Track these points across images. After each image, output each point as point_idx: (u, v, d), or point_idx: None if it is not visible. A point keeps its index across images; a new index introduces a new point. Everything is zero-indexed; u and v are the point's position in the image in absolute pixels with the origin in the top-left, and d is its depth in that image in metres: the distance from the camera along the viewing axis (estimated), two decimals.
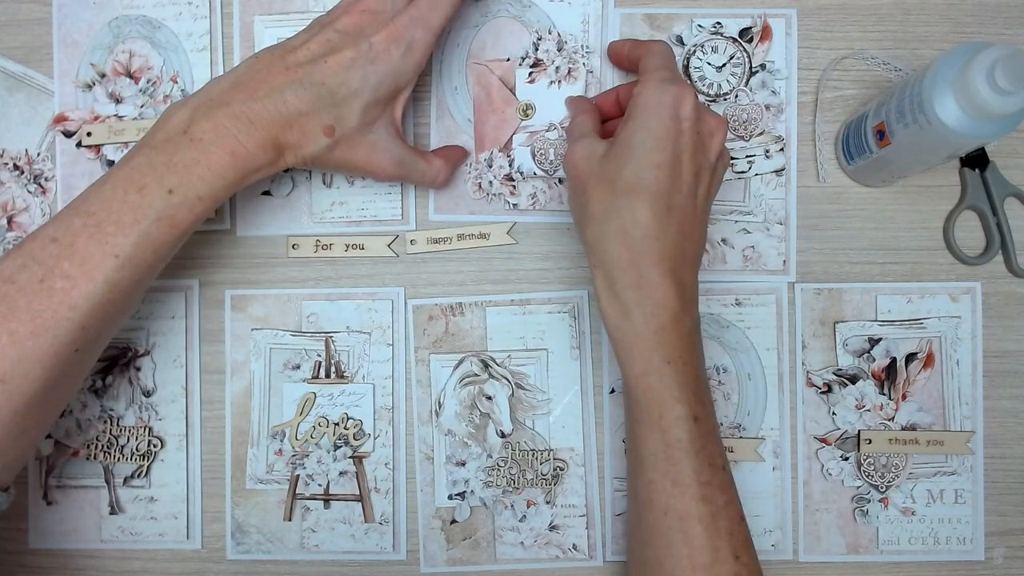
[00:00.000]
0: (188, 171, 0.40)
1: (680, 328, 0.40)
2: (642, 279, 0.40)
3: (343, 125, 0.42)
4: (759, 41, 0.51)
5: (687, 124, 0.40)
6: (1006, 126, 0.40)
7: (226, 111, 0.40)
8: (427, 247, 0.51)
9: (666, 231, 0.40)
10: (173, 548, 0.51)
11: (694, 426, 0.40)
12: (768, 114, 0.51)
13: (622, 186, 0.40)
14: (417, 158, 0.47)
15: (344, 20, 0.43)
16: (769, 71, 0.51)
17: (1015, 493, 0.50)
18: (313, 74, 0.41)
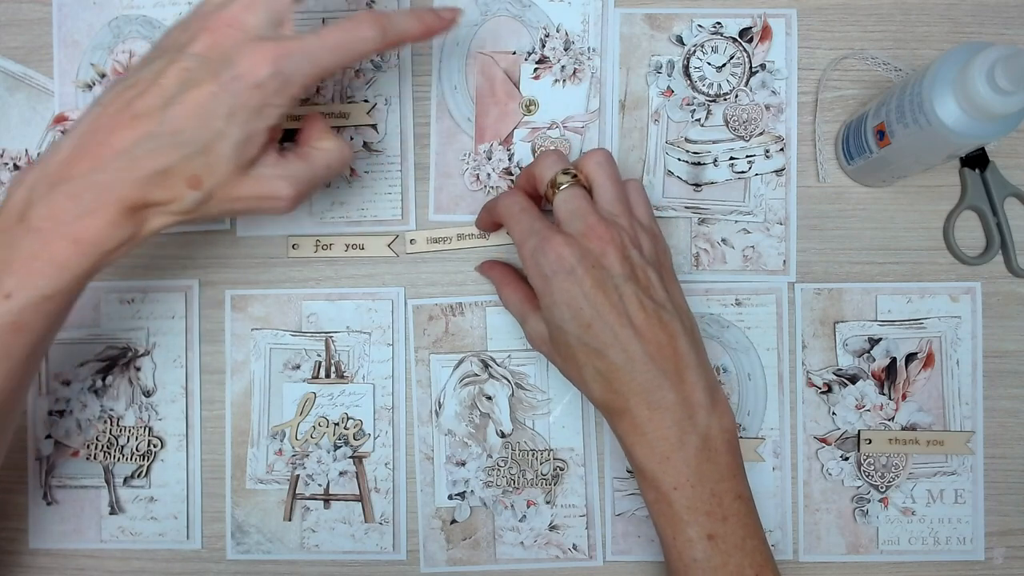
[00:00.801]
0: (27, 268, 0.34)
1: (684, 451, 0.39)
2: (635, 420, 0.40)
3: (213, 174, 0.36)
4: (759, 41, 0.51)
5: (578, 269, 0.39)
6: (1006, 126, 0.40)
7: (67, 189, 0.34)
8: (427, 247, 0.51)
9: (635, 369, 0.39)
10: (173, 548, 0.51)
11: (709, 544, 0.39)
12: (768, 114, 0.51)
13: (578, 354, 0.40)
14: (311, 157, 0.40)
15: (203, 40, 0.35)
16: (769, 71, 0.51)
17: (1015, 493, 0.50)
18: (166, 122, 0.34)
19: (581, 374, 0.41)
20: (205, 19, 0.36)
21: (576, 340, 0.40)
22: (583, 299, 0.39)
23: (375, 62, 0.52)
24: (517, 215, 0.42)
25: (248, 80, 0.35)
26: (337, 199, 0.51)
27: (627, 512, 0.50)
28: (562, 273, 0.39)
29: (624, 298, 0.39)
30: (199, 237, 0.52)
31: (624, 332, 0.39)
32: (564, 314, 0.40)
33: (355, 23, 0.37)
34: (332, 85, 0.51)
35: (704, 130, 0.51)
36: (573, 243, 0.39)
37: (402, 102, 0.52)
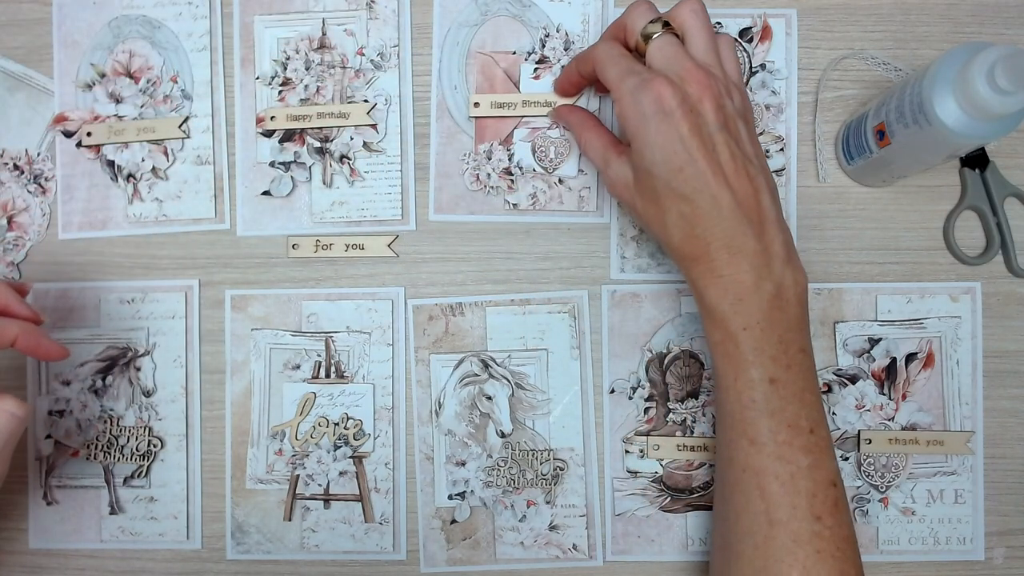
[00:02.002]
0: None
1: (759, 295, 0.40)
2: (713, 263, 0.40)
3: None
4: (759, 41, 0.51)
5: (677, 112, 0.39)
6: (1006, 126, 0.40)
7: None
8: (491, 111, 0.52)
9: (721, 215, 0.39)
10: (173, 548, 0.51)
11: (770, 388, 0.39)
12: (768, 114, 0.51)
13: (664, 199, 0.41)
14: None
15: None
16: (769, 71, 0.51)
17: (1015, 493, 0.50)
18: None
19: (663, 218, 0.41)
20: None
21: (664, 184, 0.40)
22: (679, 142, 0.39)
23: (375, 62, 0.52)
24: (616, 58, 0.42)
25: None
26: (337, 199, 0.51)
27: (627, 512, 0.50)
28: (661, 114, 0.39)
29: (717, 146, 0.40)
30: (199, 237, 0.52)
31: (715, 179, 0.39)
32: (656, 156, 0.40)
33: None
34: (332, 85, 0.51)
35: None
36: (674, 85, 0.40)
37: (402, 102, 0.52)
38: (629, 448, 0.50)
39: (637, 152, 0.41)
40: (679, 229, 0.41)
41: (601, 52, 0.44)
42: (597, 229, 0.51)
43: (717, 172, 0.39)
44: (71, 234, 0.52)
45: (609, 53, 0.43)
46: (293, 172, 0.52)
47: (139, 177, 0.52)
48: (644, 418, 0.50)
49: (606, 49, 0.43)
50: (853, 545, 0.39)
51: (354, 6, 0.52)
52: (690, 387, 0.50)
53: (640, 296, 0.51)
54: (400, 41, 0.52)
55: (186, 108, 0.52)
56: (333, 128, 0.51)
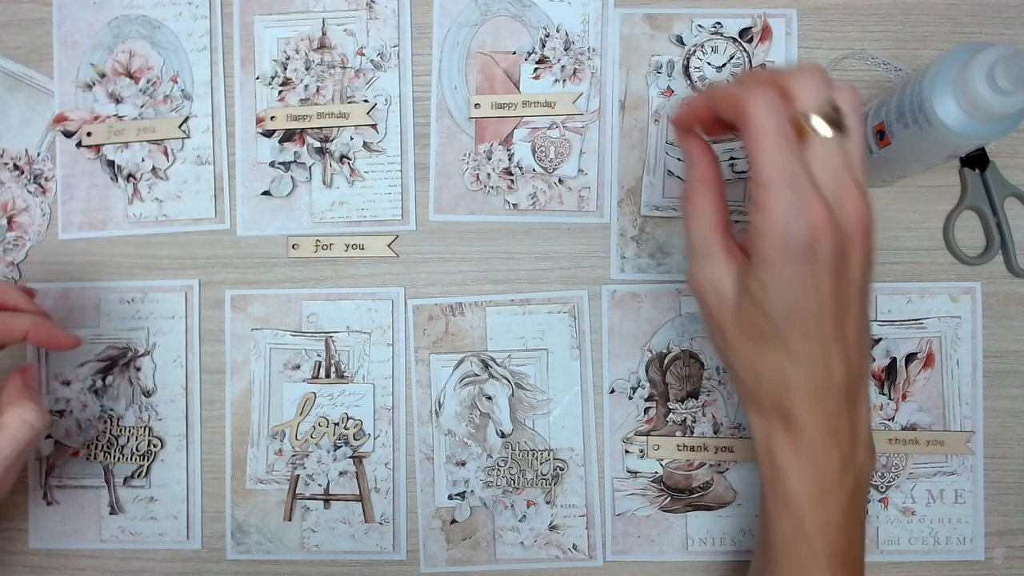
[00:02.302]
0: None
1: (842, 490, 0.35)
2: (800, 439, 0.35)
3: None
4: (759, 41, 0.51)
5: (826, 261, 0.32)
6: (1006, 126, 0.40)
7: None
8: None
9: (828, 384, 0.34)
10: (173, 548, 0.51)
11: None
12: None
13: (768, 351, 0.34)
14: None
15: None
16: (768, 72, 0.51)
17: (1015, 493, 0.50)
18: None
19: (756, 363, 0.35)
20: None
21: (776, 332, 0.34)
22: (815, 297, 0.33)
23: (375, 62, 0.52)
24: (774, 134, 0.32)
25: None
26: (337, 199, 0.51)
27: (627, 512, 0.50)
28: (809, 257, 0.32)
29: (849, 313, 0.34)
30: (199, 237, 0.52)
31: (836, 354, 0.34)
32: (781, 301, 0.33)
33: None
34: (332, 85, 0.51)
35: None
36: (832, 221, 0.32)
37: (402, 102, 0.52)
38: (629, 448, 0.50)
39: (759, 281, 0.33)
40: (771, 383, 0.35)
41: (761, 117, 0.32)
42: (597, 229, 0.51)
43: (839, 340, 0.34)
44: (71, 234, 0.52)
45: (770, 124, 0.32)
46: (293, 172, 0.52)
47: (139, 177, 0.52)
48: (644, 418, 0.50)
49: (767, 113, 0.32)
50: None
51: (354, 6, 0.52)
52: (690, 387, 0.50)
53: (640, 296, 0.51)
54: (400, 41, 0.52)
55: (186, 108, 0.52)
56: (333, 128, 0.51)
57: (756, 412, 0.37)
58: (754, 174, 0.32)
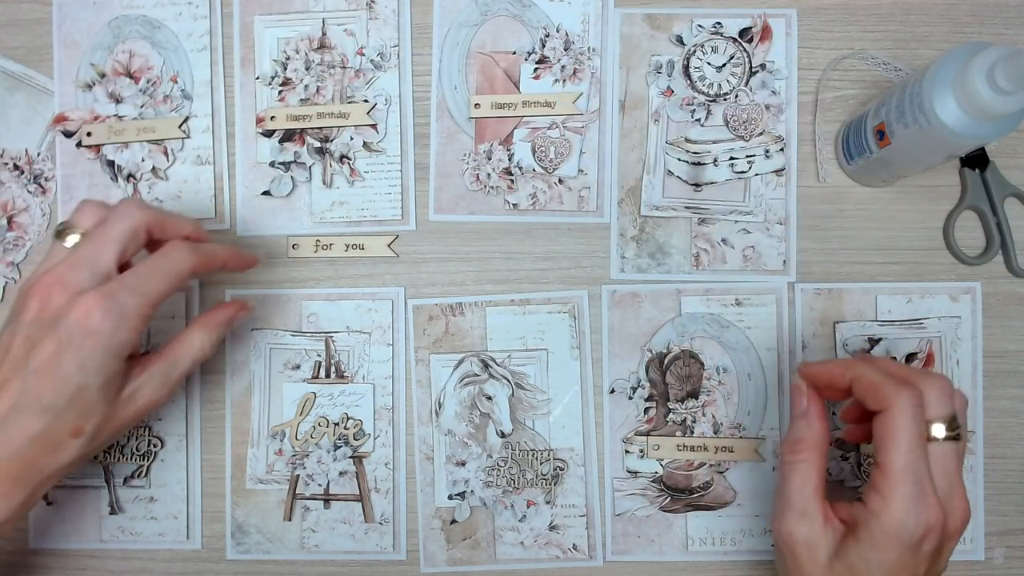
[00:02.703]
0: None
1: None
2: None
3: (91, 417, 0.38)
4: (759, 41, 0.51)
5: (926, 553, 0.36)
6: (1006, 126, 0.40)
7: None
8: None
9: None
10: (173, 548, 0.51)
11: None
12: (768, 114, 0.51)
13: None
14: (173, 355, 0.41)
15: (33, 306, 0.37)
16: (769, 71, 0.51)
17: (1015, 493, 0.50)
18: (27, 390, 0.36)
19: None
20: (32, 286, 0.38)
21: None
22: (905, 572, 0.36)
23: (375, 62, 0.52)
24: (912, 436, 0.36)
25: (85, 330, 0.36)
26: (337, 199, 0.51)
27: (627, 512, 0.50)
28: (914, 547, 0.36)
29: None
30: None
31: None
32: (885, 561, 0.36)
33: (169, 251, 0.40)
34: (332, 85, 0.51)
35: (704, 130, 0.51)
36: (942, 521, 0.36)
37: (402, 102, 0.52)
38: (629, 448, 0.50)
39: (863, 557, 0.36)
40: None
41: (906, 419, 0.36)
42: (597, 229, 0.51)
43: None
44: None
45: (912, 427, 0.36)
46: (293, 172, 0.52)
47: (139, 177, 0.52)
48: (644, 418, 0.50)
49: (911, 417, 0.36)
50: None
51: (354, 6, 0.52)
52: (690, 387, 0.50)
53: (640, 296, 0.51)
54: (400, 41, 0.52)
55: (186, 108, 0.52)
56: (333, 128, 0.51)
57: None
58: (883, 464, 0.36)
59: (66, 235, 0.40)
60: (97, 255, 0.38)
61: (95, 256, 0.38)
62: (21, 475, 0.37)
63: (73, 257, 0.38)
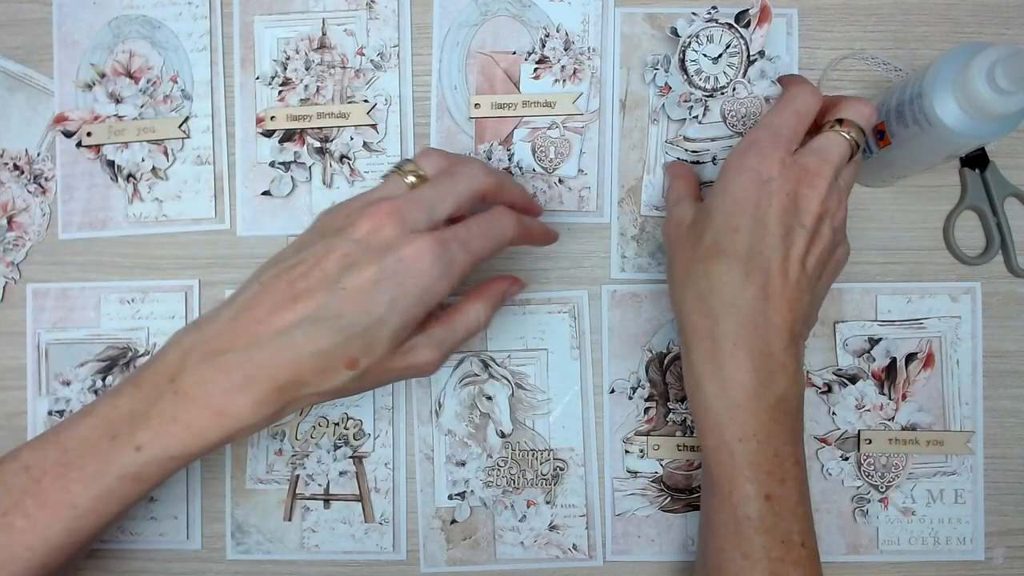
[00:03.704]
0: (163, 428, 0.35)
1: (757, 404, 0.38)
2: (716, 349, 0.38)
3: (370, 354, 0.36)
4: (757, 25, 0.50)
5: (774, 185, 0.38)
6: (1006, 126, 0.40)
7: (221, 362, 0.35)
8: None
9: (743, 296, 0.38)
10: (173, 548, 0.51)
11: (766, 504, 0.38)
12: (768, 107, 0.50)
13: (700, 251, 0.39)
14: (453, 323, 0.41)
15: (366, 227, 0.36)
16: (768, 58, 0.50)
17: (1015, 493, 0.50)
18: (328, 306, 0.35)
19: (686, 271, 0.40)
20: (367, 207, 0.37)
21: (712, 234, 0.39)
22: (753, 206, 0.38)
23: (375, 62, 0.52)
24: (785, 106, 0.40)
25: (412, 269, 0.35)
26: (337, 199, 0.51)
27: (627, 512, 0.50)
28: (755, 174, 0.38)
29: (790, 242, 0.38)
30: (199, 237, 0.52)
31: (762, 262, 0.38)
32: (725, 205, 0.39)
33: (497, 216, 0.40)
34: (332, 85, 0.51)
35: (702, 127, 0.51)
36: (793, 167, 0.39)
37: (402, 102, 0.52)
38: (629, 448, 0.50)
39: (713, 194, 0.40)
40: (696, 289, 0.39)
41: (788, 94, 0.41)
42: (597, 229, 0.51)
43: (772, 261, 0.38)
44: (71, 234, 0.52)
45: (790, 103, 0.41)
46: (293, 172, 0.52)
47: (139, 177, 0.52)
48: (644, 418, 0.50)
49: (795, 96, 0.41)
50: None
51: (354, 6, 0.52)
52: None
53: (640, 296, 0.51)
54: (400, 41, 0.52)
55: (186, 108, 0.52)
56: (333, 128, 0.51)
57: (682, 322, 0.41)
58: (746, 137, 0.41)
59: (407, 173, 0.39)
60: (438, 203, 0.37)
61: (436, 203, 0.37)
62: (284, 387, 0.35)
63: (415, 195, 0.37)
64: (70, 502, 0.35)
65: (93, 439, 0.36)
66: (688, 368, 0.40)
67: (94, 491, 0.35)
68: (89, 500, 0.35)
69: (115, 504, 0.36)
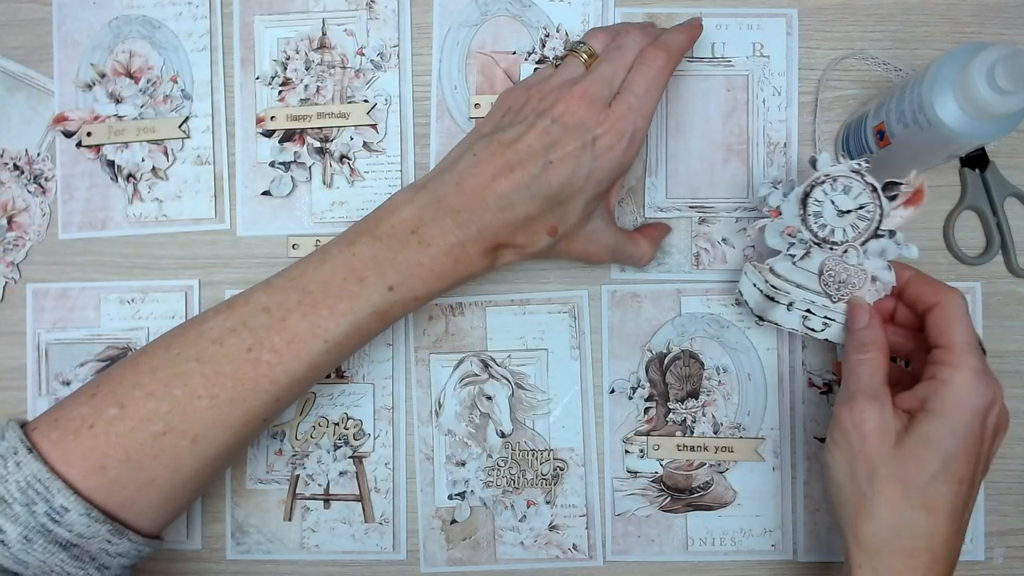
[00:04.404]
0: (411, 272, 0.39)
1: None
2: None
3: (565, 222, 0.42)
4: (903, 204, 0.44)
5: (990, 431, 0.39)
6: (1006, 126, 0.40)
7: (456, 219, 0.40)
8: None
9: (951, 550, 0.39)
10: (173, 548, 0.51)
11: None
12: (871, 287, 0.44)
13: (919, 496, 0.38)
14: (627, 241, 0.46)
15: (561, 108, 0.40)
16: (896, 242, 0.44)
17: (1015, 493, 0.50)
18: (541, 177, 0.40)
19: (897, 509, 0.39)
20: (560, 90, 0.41)
21: (932, 483, 0.38)
22: (975, 457, 0.39)
23: (375, 62, 0.52)
24: (965, 312, 0.41)
25: (603, 144, 0.40)
26: (337, 199, 0.51)
27: (627, 512, 0.50)
28: (983, 415, 0.39)
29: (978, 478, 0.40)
30: (199, 237, 0.52)
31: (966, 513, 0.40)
32: (954, 450, 0.38)
33: (652, 62, 0.42)
34: (332, 85, 0.51)
35: (793, 269, 0.45)
36: (1001, 395, 0.40)
37: (402, 102, 0.52)
38: (629, 448, 0.50)
39: (935, 429, 0.39)
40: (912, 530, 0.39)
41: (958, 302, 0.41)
42: None
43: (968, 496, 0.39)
44: (71, 234, 0.52)
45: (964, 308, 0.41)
46: (293, 172, 0.52)
47: (139, 177, 0.52)
48: (644, 418, 0.50)
49: (962, 299, 0.41)
50: None
51: (354, 6, 0.52)
52: (690, 387, 0.50)
53: (640, 296, 0.51)
54: (400, 41, 0.52)
55: (186, 108, 0.52)
56: (333, 128, 0.51)
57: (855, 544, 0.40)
58: (947, 343, 0.40)
59: (581, 54, 0.43)
60: (614, 77, 0.42)
61: (612, 78, 0.41)
62: (501, 243, 0.41)
63: (595, 75, 0.41)
64: (321, 336, 0.38)
65: (337, 281, 0.39)
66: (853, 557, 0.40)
67: (344, 326, 0.39)
68: (340, 335, 0.39)
69: (358, 339, 0.40)
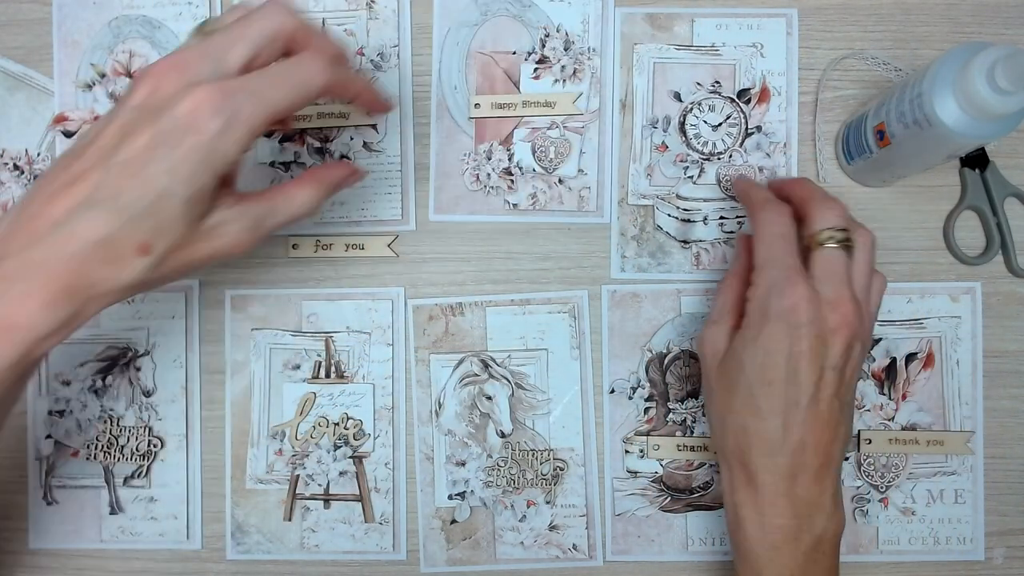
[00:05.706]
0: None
1: (795, 547, 0.39)
2: (757, 496, 0.39)
3: (164, 236, 0.32)
4: (756, 103, 0.51)
5: (804, 331, 0.38)
6: (1006, 126, 0.40)
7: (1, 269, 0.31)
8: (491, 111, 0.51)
9: (783, 450, 0.38)
10: (173, 548, 0.51)
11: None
12: (761, 176, 0.50)
13: (737, 404, 0.40)
14: (274, 201, 0.37)
15: (143, 90, 0.32)
16: (765, 133, 0.51)
17: (1015, 493, 0.50)
18: (104, 184, 0.31)
19: (724, 417, 0.41)
20: (150, 68, 0.33)
21: (746, 386, 0.39)
22: (785, 358, 0.38)
23: (375, 62, 0.52)
24: (773, 237, 0.40)
25: (186, 125, 0.31)
26: (337, 199, 0.51)
27: (627, 512, 0.50)
28: (784, 323, 0.38)
29: (822, 385, 0.38)
30: None
31: (799, 415, 0.38)
32: (757, 357, 0.39)
33: (301, 60, 0.35)
34: None
35: (696, 187, 0.51)
36: (816, 302, 0.38)
37: (402, 102, 0.52)
38: (629, 448, 0.50)
39: (743, 340, 0.40)
40: (735, 438, 0.40)
41: (764, 222, 0.41)
42: (597, 229, 0.51)
43: (806, 406, 0.38)
44: None
45: (769, 228, 0.40)
46: (293, 172, 0.52)
47: None
48: (644, 418, 0.50)
49: (770, 221, 0.40)
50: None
51: (354, 6, 0.52)
52: (690, 387, 0.50)
53: (640, 296, 0.51)
54: (400, 41, 0.52)
55: None
56: (333, 128, 0.51)
57: (724, 462, 0.42)
58: (754, 261, 0.40)
59: (205, 31, 0.35)
60: (227, 50, 0.33)
61: (224, 51, 0.33)
62: (72, 285, 0.31)
63: (200, 47, 0.33)
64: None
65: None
66: (730, 503, 0.41)
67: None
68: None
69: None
